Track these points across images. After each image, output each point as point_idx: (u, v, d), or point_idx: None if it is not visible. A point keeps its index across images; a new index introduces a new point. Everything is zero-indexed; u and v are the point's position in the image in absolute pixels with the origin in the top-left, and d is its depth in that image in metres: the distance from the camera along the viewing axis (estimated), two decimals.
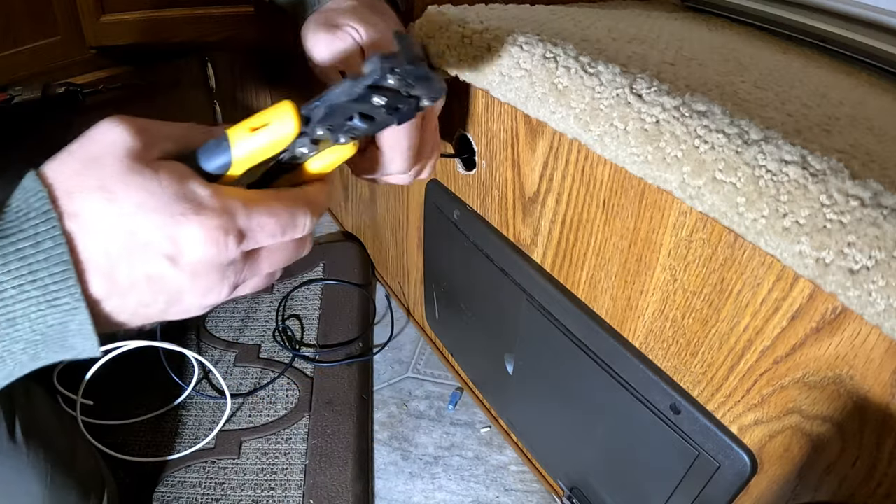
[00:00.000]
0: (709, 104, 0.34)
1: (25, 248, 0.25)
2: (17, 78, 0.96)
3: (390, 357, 0.90)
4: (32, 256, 0.25)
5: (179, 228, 0.27)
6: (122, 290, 0.27)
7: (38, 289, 0.25)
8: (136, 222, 0.26)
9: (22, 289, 0.25)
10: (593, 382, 0.51)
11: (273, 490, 0.70)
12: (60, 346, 0.27)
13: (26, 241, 0.25)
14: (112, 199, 0.26)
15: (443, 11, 0.50)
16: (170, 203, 0.26)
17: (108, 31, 1.03)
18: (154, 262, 0.27)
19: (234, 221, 0.28)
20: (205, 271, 0.28)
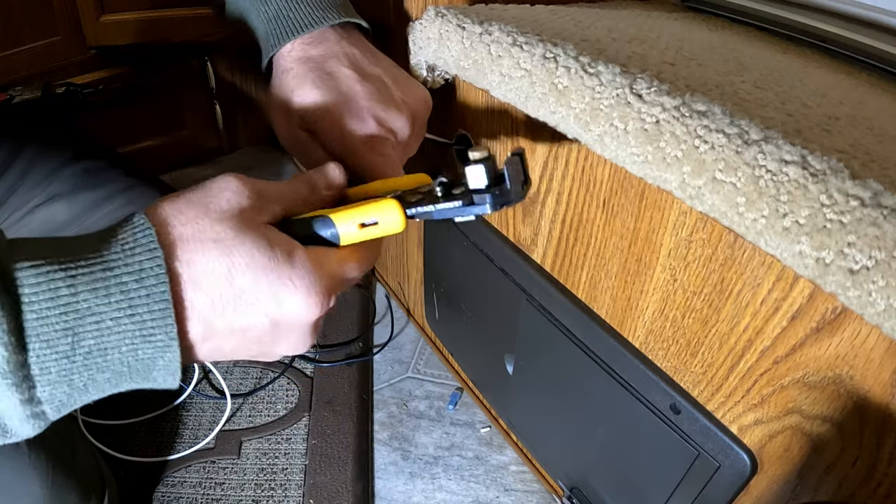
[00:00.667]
0: (709, 104, 0.34)
1: (129, 282, 0.26)
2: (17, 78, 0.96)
3: (390, 357, 0.90)
4: (135, 291, 0.26)
5: (286, 293, 0.28)
6: (218, 337, 0.28)
7: (135, 323, 0.26)
8: (246, 280, 0.28)
9: (119, 321, 0.26)
10: (593, 382, 0.51)
11: (273, 490, 0.70)
12: (143, 379, 0.28)
13: (130, 276, 0.26)
14: (227, 253, 0.27)
15: (442, 12, 0.50)
16: (280, 267, 0.28)
17: (108, 31, 1.03)
18: (257, 319, 0.28)
19: (332, 289, 0.30)
20: (301, 331, 0.30)
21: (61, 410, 0.27)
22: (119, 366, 0.27)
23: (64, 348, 0.25)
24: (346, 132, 0.40)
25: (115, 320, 0.26)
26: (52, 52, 1.00)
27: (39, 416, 0.26)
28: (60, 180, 0.61)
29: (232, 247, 0.28)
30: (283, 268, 0.28)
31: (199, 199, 0.28)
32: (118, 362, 0.26)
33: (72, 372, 0.26)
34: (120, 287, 0.26)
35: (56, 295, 0.25)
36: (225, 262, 0.27)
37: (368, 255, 0.34)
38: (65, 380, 0.26)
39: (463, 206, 0.32)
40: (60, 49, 1.01)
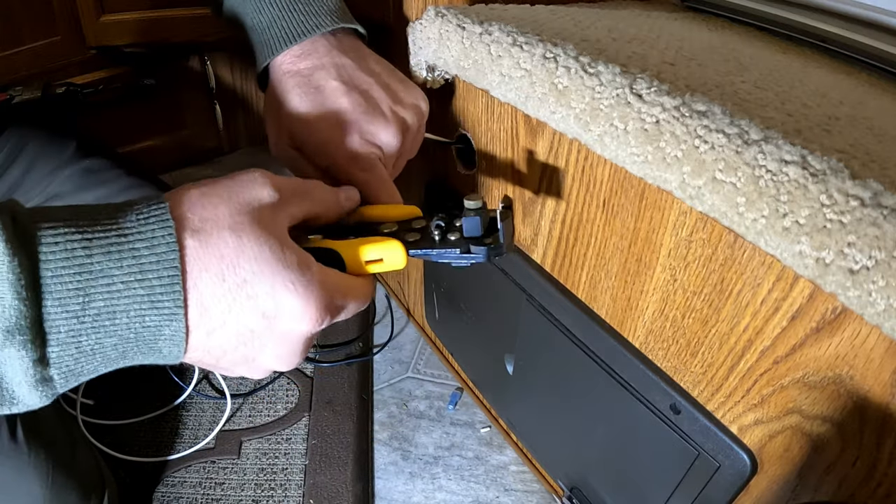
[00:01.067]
0: (709, 104, 0.34)
1: (141, 248, 0.27)
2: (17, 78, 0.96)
3: (390, 357, 0.90)
4: (145, 257, 0.27)
5: (286, 295, 0.29)
6: (210, 328, 0.29)
7: (144, 288, 0.27)
8: (251, 271, 0.28)
9: (129, 285, 0.26)
10: (593, 382, 0.51)
11: (273, 490, 0.70)
12: (150, 349, 0.28)
13: (143, 243, 0.27)
14: (240, 243, 0.28)
15: (442, 12, 0.50)
16: (286, 269, 0.29)
17: (108, 31, 1.03)
18: (252, 315, 0.29)
19: (331, 309, 0.31)
20: (291, 342, 0.31)
21: (68, 379, 0.27)
22: (126, 331, 0.27)
23: (75, 308, 0.26)
24: (330, 148, 0.41)
25: (125, 284, 0.26)
26: (52, 52, 1.00)
27: (47, 383, 0.26)
28: (60, 180, 0.61)
29: (245, 237, 0.28)
30: (289, 270, 0.29)
31: (224, 187, 0.29)
32: (125, 328, 0.27)
33: (80, 333, 0.26)
34: (132, 252, 0.26)
35: (72, 255, 0.25)
36: (234, 250, 0.28)
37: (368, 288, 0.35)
38: (73, 341, 0.26)
39: (460, 253, 0.35)
40: (60, 49, 1.01)
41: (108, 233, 0.26)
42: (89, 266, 0.26)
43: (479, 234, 0.35)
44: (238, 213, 0.29)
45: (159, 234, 0.27)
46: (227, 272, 0.28)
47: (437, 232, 0.36)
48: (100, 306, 0.26)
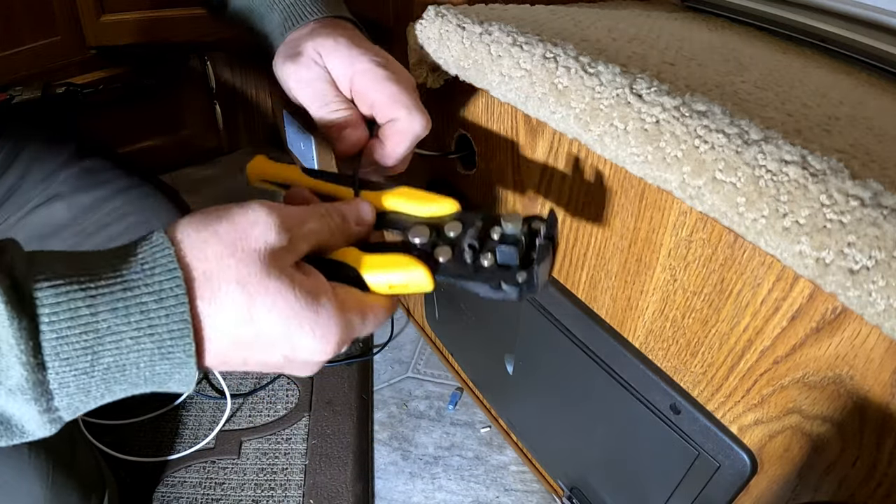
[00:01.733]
0: (709, 104, 0.34)
1: (149, 301, 0.26)
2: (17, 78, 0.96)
3: (390, 357, 0.90)
4: (154, 311, 0.26)
5: (303, 338, 0.29)
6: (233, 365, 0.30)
7: (154, 342, 0.26)
8: (265, 324, 0.28)
9: (139, 340, 0.26)
10: (593, 382, 0.51)
11: (273, 490, 0.70)
12: (158, 387, 0.28)
13: (150, 296, 0.26)
14: (250, 298, 0.27)
15: (442, 12, 0.50)
16: (299, 313, 0.28)
17: (108, 31, 1.03)
18: (271, 357, 0.29)
19: (348, 335, 0.31)
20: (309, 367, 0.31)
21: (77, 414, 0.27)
22: (136, 378, 0.27)
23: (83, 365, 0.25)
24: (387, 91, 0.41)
25: (134, 339, 0.26)
26: (52, 52, 1.00)
27: (56, 421, 0.26)
28: (59, 181, 0.61)
29: (256, 291, 0.28)
30: (305, 315, 0.28)
31: (226, 234, 0.28)
32: (135, 376, 0.27)
33: (90, 386, 0.26)
34: (140, 307, 0.26)
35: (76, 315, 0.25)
36: (246, 305, 0.27)
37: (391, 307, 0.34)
38: (82, 391, 0.26)
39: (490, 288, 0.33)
40: (60, 49, 1.01)
41: (113, 287, 0.26)
42: (95, 325, 0.25)
43: (515, 264, 0.33)
44: (245, 264, 0.28)
45: (167, 285, 0.26)
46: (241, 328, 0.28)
47: (469, 254, 0.33)
48: (109, 362, 0.26)
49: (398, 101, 0.41)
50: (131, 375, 0.27)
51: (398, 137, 0.41)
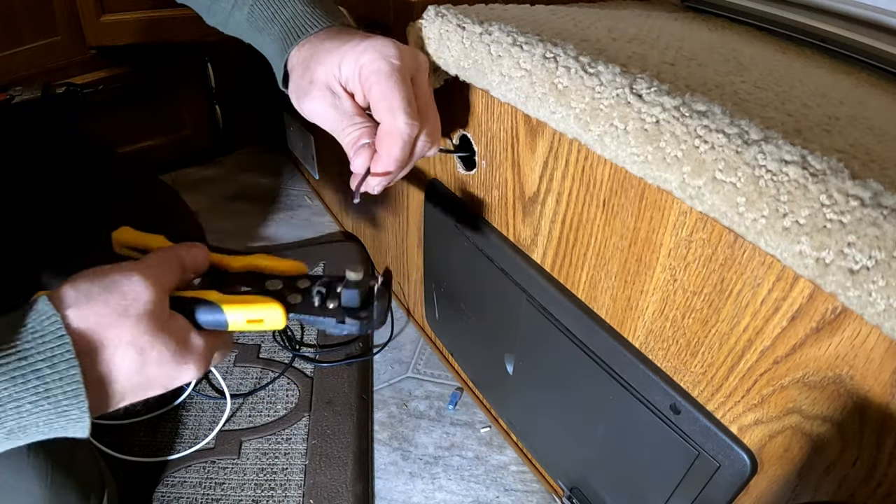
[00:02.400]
0: (709, 104, 0.34)
1: (43, 368, 0.29)
2: (17, 78, 0.96)
3: (390, 357, 0.90)
4: (49, 376, 0.29)
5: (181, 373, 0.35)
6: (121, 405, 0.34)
7: (51, 403, 0.30)
8: (153, 372, 0.34)
9: (37, 404, 0.29)
10: (593, 382, 0.51)
11: (273, 490, 0.70)
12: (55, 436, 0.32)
13: (44, 363, 0.29)
14: (142, 354, 0.33)
15: (442, 12, 0.50)
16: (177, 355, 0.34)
17: (108, 31, 1.03)
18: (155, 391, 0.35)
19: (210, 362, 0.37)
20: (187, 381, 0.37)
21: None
22: (36, 436, 0.31)
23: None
24: None
25: (33, 403, 0.29)
26: (52, 52, 1.00)
27: None
28: None
29: (146, 349, 0.33)
30: (183, 357, 0.35)
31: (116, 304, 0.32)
32: (36, 433, 0.30)
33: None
34: (36, 374, 0.29)
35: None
36: (139, 361, 0.33)
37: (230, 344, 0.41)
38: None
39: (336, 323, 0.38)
40: (60, 49, 1.01)
41: (9, 358, 0.28)
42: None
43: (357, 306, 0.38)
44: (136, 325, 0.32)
45: (58, 351, 0.29)
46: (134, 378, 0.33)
47: (317, 298, 0.39)
48: (11, 426, 0.29)
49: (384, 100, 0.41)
50: (31, 433, 0.30)
51: (387, 140, 0.42)
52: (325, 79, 0.43)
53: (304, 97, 0.43)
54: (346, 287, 0.38)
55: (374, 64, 0.41)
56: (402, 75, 0.42)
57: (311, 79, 0.43)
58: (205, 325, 0.37)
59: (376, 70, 0.41)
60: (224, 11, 0.50)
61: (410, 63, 0.43)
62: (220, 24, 0.53)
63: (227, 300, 0.37)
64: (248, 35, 0.50)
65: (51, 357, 0.29)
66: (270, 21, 0.46)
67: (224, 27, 0.53)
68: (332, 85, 0.43)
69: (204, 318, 0.37)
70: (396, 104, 0.41)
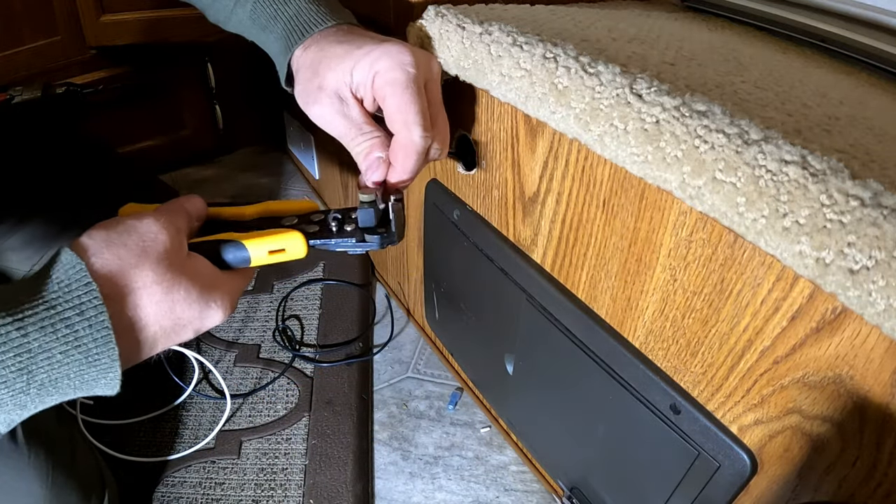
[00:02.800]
0: (709, 104, 0.34)
1: (71, 315, 0.29)
2: (17, 78, 0.96)
3: (390, 357, 0.90)
4: (78, 323, 0.29)
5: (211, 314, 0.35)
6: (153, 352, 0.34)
7: (81, 352, 0.29)
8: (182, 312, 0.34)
9: (67, 353, 0.29)
10: (593, 382, 0.51)
11: (273, 490, 0.70)
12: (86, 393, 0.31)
13: (72, 311, 0.29)
14: (169, 292, 0.33)
15: (442, 12, 0.50)
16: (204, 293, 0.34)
17: (108, 31, 1.03)
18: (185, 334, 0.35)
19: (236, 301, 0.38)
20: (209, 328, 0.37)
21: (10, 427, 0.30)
22: (67, 389, 0.30)
23: (20, 385, 0.28)
24: None
25: (63, 353, 0.29)
26: (52, 52, 1.00)
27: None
28: None
29: (172, 287, 0.33)
30: (210, 294, 0.35)
31: (135, 245, 0.32)
32: (66, 387, 0.30)
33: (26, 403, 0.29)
34: (65, 323, 0.28)
35: (8, 339, 0.27)
36: (167, 302, 0.33)
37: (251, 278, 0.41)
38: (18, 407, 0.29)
39: (356, 242, 0.39)
40: (60, 49, 1.01)
41: (37, 308, 0.28)
42: (27, 345, 0.27)
43: (373, 224, 0.39)
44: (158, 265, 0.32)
45: (85, 298, 0.29)
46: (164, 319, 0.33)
47: (334, 223, 0.40)
48: (43, 378, 0.28)
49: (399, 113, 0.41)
50: (63, 387, 0.29)
51: (402, 153, 0.42)
52: (336, 86, 0.42)
53: (312, 103, 0.43)
54: (361, 208, 0.39)
55: (390, 73, 0.41)
56: (417, 86, 0.42)
57: (321, 84, 0.43)
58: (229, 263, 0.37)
59: (392, 80, 0.41)
60: (226, 9, 0.50)
61: (425, 71, 0.43)
62: (221, 21, 0.53)
63: (247, 236, 0.37)
64: (250, 32, 0.50)
65: (79, 305, 0.29)
66: (273, 19, 0.46)
67: (226, 24, 0.53)
68: (341, 91, 0.43)
69: (227, 257, 0.37)
70: (412, 118, 0.41)
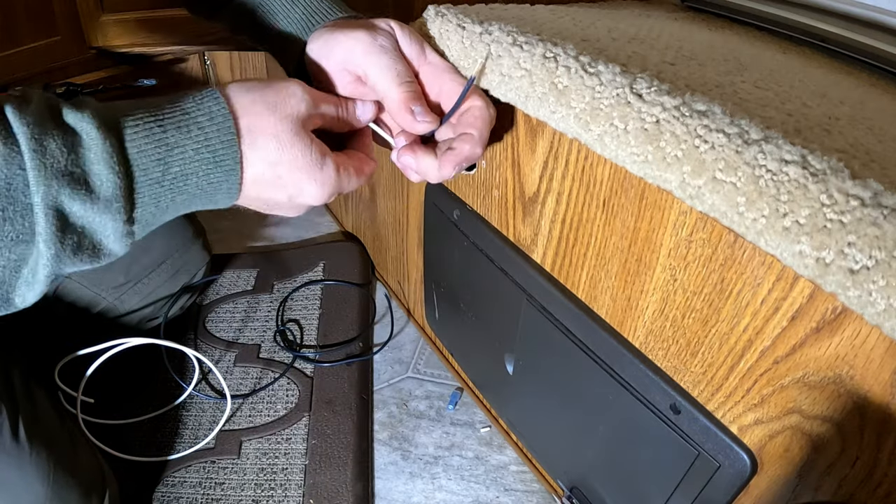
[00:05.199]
0: (709, 104, 0.34)
1: (203, 121, 0.33)
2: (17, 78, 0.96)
3: (390, 357, 0.90)
4: (208, 126, 0.33)
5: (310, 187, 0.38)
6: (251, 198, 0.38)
7: (210, 151, 0.34)
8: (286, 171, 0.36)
9: (198, 151, 0.33)
10: (593, 382, 0.51)
11: (273, 490, 0.70)
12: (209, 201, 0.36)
13: (203, 117, 0.34)
14: (280, 148, 0.36)
15: (442, 11, 0.50)
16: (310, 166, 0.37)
17: (108, 31, 1.03)
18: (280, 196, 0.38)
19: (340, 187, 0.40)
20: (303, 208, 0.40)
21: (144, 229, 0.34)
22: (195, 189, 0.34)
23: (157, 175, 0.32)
24: None
25: (195, 150, 0.33)
26: (52, 52, 1.00)
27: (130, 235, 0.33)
28: None
29: (285, 145, 0.36)
30: (314, 169, 0.37)
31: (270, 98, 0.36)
32: (195, 186, 0.34)
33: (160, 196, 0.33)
34: (197, 125, 0.33)
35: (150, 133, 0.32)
36: (276, 154, 0.36)
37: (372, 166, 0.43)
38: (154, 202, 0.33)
39: None
40: (60, 49, 1.01)
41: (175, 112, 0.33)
42: (165, 139, 0.32)
43: None
44: (281, 122, 0.35)
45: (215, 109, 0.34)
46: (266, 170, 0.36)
47: None
48: (176, 171, 0.33)
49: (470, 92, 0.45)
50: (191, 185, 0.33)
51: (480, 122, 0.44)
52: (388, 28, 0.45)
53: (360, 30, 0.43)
54: None
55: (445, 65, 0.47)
56: None
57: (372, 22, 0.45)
58: None
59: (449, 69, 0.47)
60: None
61: None
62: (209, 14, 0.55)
63: None
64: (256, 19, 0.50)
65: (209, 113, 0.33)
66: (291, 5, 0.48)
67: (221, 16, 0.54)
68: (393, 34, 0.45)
69: None
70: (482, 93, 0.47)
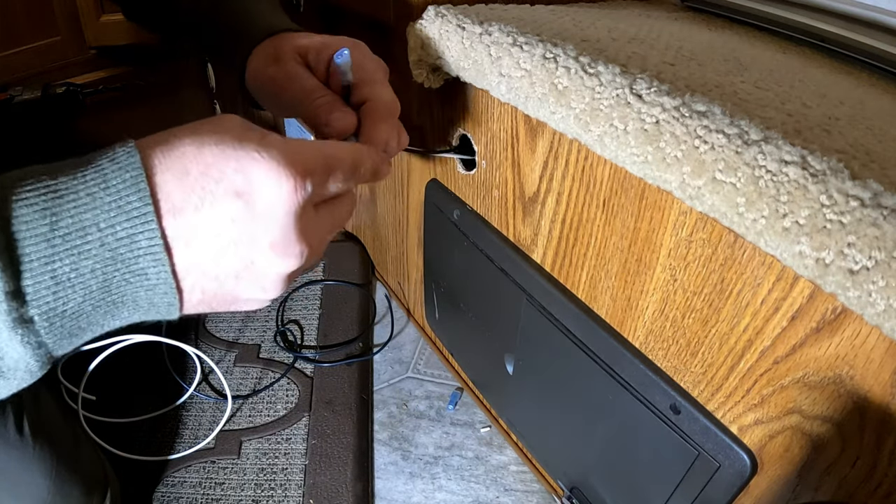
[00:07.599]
0: (709, 104, 0.34)
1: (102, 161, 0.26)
2: (17, 78, 0.96)
3: (390, 357, 0.90)
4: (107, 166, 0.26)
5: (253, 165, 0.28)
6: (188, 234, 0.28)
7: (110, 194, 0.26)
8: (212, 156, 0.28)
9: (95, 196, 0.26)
10: (593, 382, 0.51)
11: (273, 490, 0.70)
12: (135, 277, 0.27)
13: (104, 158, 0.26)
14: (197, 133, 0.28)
15: (442, 12, 0.50)
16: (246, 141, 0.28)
17: (108, 31, 1.03)
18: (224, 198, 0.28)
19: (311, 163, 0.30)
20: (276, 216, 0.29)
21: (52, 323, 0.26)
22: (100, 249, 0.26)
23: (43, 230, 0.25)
24: None
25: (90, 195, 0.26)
26: (52, 52, 1.00)
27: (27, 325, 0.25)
28: None
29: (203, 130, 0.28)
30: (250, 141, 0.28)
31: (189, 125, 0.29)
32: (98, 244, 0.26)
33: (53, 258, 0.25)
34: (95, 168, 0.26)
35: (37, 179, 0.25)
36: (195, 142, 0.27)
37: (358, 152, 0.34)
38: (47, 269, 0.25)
39: None
40: (60, 49, 1.01)
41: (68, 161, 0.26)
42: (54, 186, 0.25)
43: None
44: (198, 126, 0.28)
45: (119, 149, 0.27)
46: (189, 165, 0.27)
47: None
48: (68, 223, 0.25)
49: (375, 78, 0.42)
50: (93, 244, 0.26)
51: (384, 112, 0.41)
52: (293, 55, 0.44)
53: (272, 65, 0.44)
54: None
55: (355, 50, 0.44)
56: None
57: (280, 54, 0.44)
58: None
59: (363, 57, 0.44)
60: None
61: None
62: None
63: None
64: None
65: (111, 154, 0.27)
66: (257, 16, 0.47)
67: None
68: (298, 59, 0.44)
69: None
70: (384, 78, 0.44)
